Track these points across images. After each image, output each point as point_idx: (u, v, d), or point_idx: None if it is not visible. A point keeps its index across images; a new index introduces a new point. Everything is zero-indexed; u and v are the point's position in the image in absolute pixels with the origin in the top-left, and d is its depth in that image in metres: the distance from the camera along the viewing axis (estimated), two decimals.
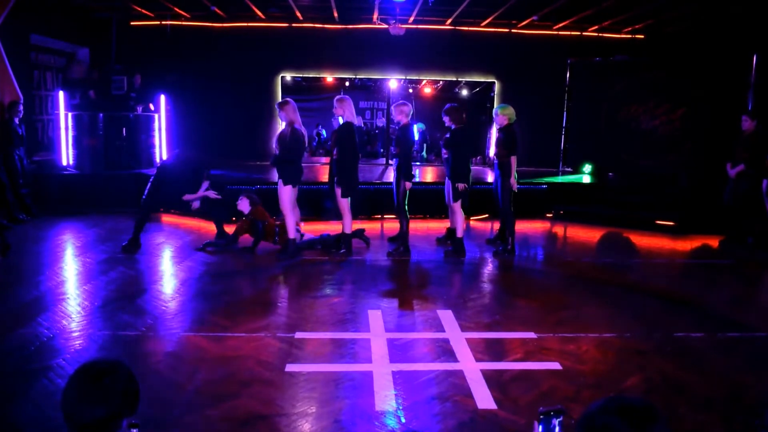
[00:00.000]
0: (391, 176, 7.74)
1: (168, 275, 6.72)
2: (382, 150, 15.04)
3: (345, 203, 7.29)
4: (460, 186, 7.18)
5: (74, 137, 10.32)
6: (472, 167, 7.45)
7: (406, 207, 7.40)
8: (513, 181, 7.37)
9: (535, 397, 3.82)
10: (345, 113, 7.23)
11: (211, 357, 4.36)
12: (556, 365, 4.28)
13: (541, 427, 1.61)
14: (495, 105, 12.99)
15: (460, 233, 7.43)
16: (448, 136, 7.35)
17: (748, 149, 7.92)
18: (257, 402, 3.69)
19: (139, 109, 10.92)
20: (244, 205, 7.55)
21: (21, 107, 8.79)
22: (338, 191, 7.24)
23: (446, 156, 7.41)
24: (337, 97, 7.40)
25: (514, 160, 7.33)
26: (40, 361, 4.24)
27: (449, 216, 7.84)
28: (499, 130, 7.51)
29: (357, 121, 8.23)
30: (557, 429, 1.61)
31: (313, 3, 11.16)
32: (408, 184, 7.32)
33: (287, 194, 7.07)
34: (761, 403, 3.79)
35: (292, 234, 7.15)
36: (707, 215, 8.97)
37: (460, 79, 13.55)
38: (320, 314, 5.32)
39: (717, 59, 10.22)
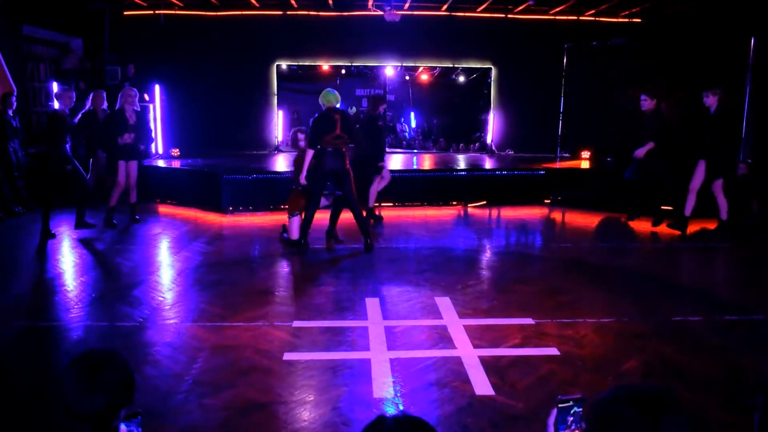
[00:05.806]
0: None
1: (165, 265, 6.71)
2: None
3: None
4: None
5: None
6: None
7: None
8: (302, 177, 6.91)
9: (532, 382, 3.82)
10: None
11: (209, 346, 4.36)
12: (554, 350, 4.27)
13: (557, 418, 1.54)
14: (492, 91, 12.98)
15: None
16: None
17: (651, 130, 8.01)
18: (256, 390, 3.69)
19: None
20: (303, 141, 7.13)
21: (14, 99, 8.73)
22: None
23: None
24: None
25: (310, 153, 6.76)
26: (38, 354, 4.24)
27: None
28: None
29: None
30: (570, 419, 1.53)
31: None
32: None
33: None
34: (759, 384, 3.79)
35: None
36: (704, 199, 8.93)
37: (456, 66, 13.47)
38: (318, 303, 5.32)
39: (715, 42, 10.15)
